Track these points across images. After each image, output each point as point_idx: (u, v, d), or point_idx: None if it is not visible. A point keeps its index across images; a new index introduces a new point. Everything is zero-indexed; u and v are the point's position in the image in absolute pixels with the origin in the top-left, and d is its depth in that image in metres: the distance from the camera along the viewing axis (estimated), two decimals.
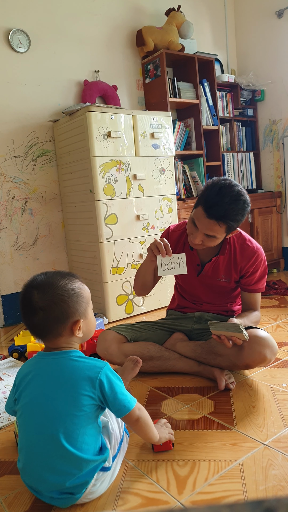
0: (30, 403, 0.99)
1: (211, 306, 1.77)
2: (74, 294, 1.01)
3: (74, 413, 0.96)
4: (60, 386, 0.97)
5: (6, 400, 1.57)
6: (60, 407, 0.96)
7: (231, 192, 1.45)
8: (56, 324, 1.00)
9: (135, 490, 1.04)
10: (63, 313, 0.99)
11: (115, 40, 2.98)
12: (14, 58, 2.56)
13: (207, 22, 3.51)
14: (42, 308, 0.98)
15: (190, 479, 1.06)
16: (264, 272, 1.67)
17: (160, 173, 2.64)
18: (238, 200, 1.45)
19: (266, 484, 1.02)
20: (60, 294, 0.99)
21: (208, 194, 1.47)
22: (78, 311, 1.02)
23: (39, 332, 1.02)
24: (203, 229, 1.49)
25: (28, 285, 1.02)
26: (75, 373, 0.98)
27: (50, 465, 0.95)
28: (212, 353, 1.60)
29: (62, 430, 0.94)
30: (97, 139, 2.33)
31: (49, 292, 0.99)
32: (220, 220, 1.45)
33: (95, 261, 2.49)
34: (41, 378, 1.00)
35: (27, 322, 1.01)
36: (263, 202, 3.40)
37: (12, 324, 2.67)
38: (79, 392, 0.96)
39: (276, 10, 3.33)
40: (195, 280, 1.72)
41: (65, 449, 0.94)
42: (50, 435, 0.95)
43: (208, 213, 1.45)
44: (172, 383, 1.62)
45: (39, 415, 0.97)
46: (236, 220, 1.47)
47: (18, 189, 2.63)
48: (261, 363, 1.50)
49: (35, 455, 0.96)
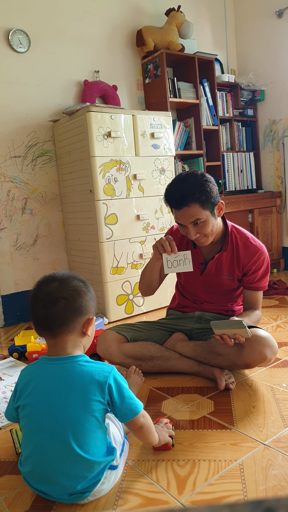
0: (38, 410, 0.97)
1: (212, 305, 1.77)
2: (89, 288, 1.06)
3: (85, 419, 0.96)
4: (70, 392, 0.96)
5: (6, 400, 1.57)
6: (71, 413, 0.95)
7: (179, 176, 1.55)
8: (74, 315, 1.00)
9: (135, 490, 1.04)
10: (82, 306, 1.01)
11: (115, 40, 2.98)
12: (14, 58, 2.56)
13: (207, 22, 3.51)
14: (65, 297, 0.99)
15: (190, 479, 1.06)
16: (267, 270, 1.67)
17: (160, 173, 2.64)
18: (188, 179, 1.51)
19: (266, 484, 1.02)
20: (80, 286, 1.03)
21: (165, 194, 1.56)
22: (92, 309, 1.05)
23: (55, 323, 0.99)
24: (186, 221, 1.53)
25: (47, 277, 1.04)
26: (84, 378, 0.97)
27: (63, 470, 0.95)
28: (212, 353, 1.60)
29: (73, 436, 0.94)
30: (97, 139, 2.33)
31: (71, 284, 1.02)
32: (185, 202, 1.49)
33: (95, 261, 2.49)
34: (49, 384, 0.99)
35: (43, 313, 0.99)
36: (263, 202, 3.40)
37: (12, 324, 2.67)
38: (90, 397, 0.96)
39: (276, 10, 3.33)
40: (198, 278, 1.72)
41: (78, 455, 0.94)
42: (62, 441, 0.94)
43: (175, 206, 1.52)
44: (172, 383, 1.62)
45: (50, 421, 0.96)
46: (198, 192, 1.48)
47: (18, 189, 2.63)
48: (261, 362, 1.50)
49: (47, 461, 0.95)
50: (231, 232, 1.66)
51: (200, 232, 1.54)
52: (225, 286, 1.70)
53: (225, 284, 1.70)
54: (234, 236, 1.66)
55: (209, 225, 1.54)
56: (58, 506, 1.00)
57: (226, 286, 1.70)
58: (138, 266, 2.57)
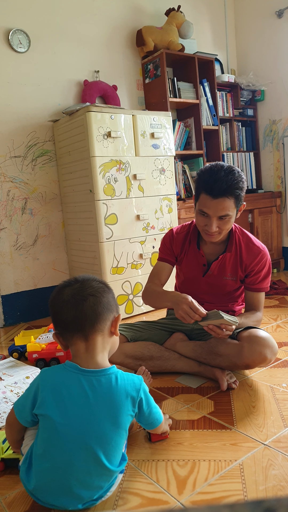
0: (68, 425, 0.93)
1: (212, 306, 1.77)
2: (112, 292, 1.07)
3: (117, 434, 0.96)
4: (104, 408, 0.95)
5: (6, 400, 1.57)
6: (104, 429, 0.94)
7: (222, 167, 1.51)
8: (104, 311, 1.00)
9: (135, 490, 1.04)
10: (110, 302, 1.02)
11: (115, 40, 2.98)
12: (14, 58, 2.56)
13: (207, 22, 3.51)
14: (93, 294, 0.99)
15: (190, 479, 1.06)
16: (269, 271, 1.67)
17: (160, 173, 2.64)
18: (233, 171, 1.50)
19: (266, 484, 1.02)
20: (103, 286, 1.03)
21: (203, 179, 1.51)
22: (116, 307, 1.06)
23: (88, 321, 0.97)
24: (214, 212, 1.50)
25: (67, 281, 1.03)
26: (119, 394, 0.97)
27: (88, 483, 0.93)
28: (212, 353, 1.60)
29: (103, 451, 0.94)
30: (97, 139, 2.33)
31: (92, 284, 1.02)
32: (226, 193, 1.47)
33: (95, 261, 2.49)
34: (80, 397, 0.95)
35: (74, 314, 0.96)
36: (263, 202, 3.40)
37: (12, 324, 2.67)
38: (124, 412, 0.97)
39: (276, 10, 3.33)
40: (200, 280, 1.72)
41: (106, 468, 0.94)
42: (93, 455, 0.93)
43: (212, 194, 1.47)
44: (172, 383, 1.62)
45: (80, 437, 0.93)
46: (240, 188, 1.49)
47: (18, 189, 2.63)
48: (261, 363, 1.49)
49: (73, 475, 0.92)
50: (235, 232, 1.66)
51: (220, 227, 1.53)
52: (228, 287, 1.70)
53: (228, 285, 1.70)
54: (237, 236, 1.66)
55: (230, 223, 1.55)
56: None
57: (229, 287, 1.70)
58: (138, 266, 2.56)
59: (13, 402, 1.55)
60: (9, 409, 1.50)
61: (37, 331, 2.25)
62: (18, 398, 1.04)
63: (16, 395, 1.61)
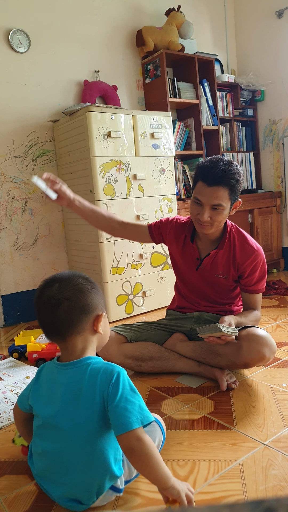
0: (48, 413, 0.97)
1: (210, 307, 1.77)
2: (94, 286, 1.02)
3: (94, 428, 0.93)
4: (75, 400, 0.95)
5: (6, 400, 1.57)
6: (79, 422, 0.94)
7: (222, 159, 1.54)
8: (81, 315, 0.96)
9: (135, 490, 1.04)
10: (88, 303, 0.97)
11: (115, 40, 2.98)
12: (14, 58, 2.56)
13: (207, 22, 3.51)
14: (68, 298, 0.95)
15: (190, 479, 1.06)
16: (264, 272, 1.67)
17: (160, 173, 2.64)
18: (231, 163, 1.53)
19: (266, 484, 1.02)
20: (83, 284, 0.99)
21: (202, 166, 1.54)
22: (100, 304, 1.01)
23: (62, 326, 0.96)
24: (208, 200, 1.51)
25: (48, 280, 1.00)
26: (89, 385, 0.95)
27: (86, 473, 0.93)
28: (211, 353, 1.60)
29: (76, 441, 0.94)
30: (97, 139, 2.33)
31: (73, 282, 0.98)
32: (221, 182, 1.48)
33: (95, 261, 2.49)
34: (57, 389, 0.98)
35: (49, 318, 0.96)
36: (263, 202, 3.40)
37: (12, 324, 2.67)
38: (94, 405, 0.94)
39: (276, 10, 3.33)
40: (194, 274, 1.72)
41: (85, 462, 0.93)
42: (69, 445, 0.94)
43: (207, 181, 1.50)
44: (172, 383, 1.62)
45: (56, 425, 0.95)
46: (235, 180, 1.51)
47: (18, 189, 2.63)
48: (260, 361, 1.50)
49: (71, 465, 0.94)
50: (229, 231, 1.66)
51: (212, 218, 1.54)
52: (220, 285, 1.70)
53: (220, 283, 1.69)
54: (232, 235, 1.66)
55: (223, 216, 1.55)
56: (58, 506, 1.00)
57: (222, 285, 1.70)
58: (138, 266, 2.57)
59: (13, 402, 1.55)
60: (9, 409, 1.51)
61: (37, 331, 2.25)
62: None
63: (16, 395, 1.61)
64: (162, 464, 0.89)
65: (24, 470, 1.16)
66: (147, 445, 0.87)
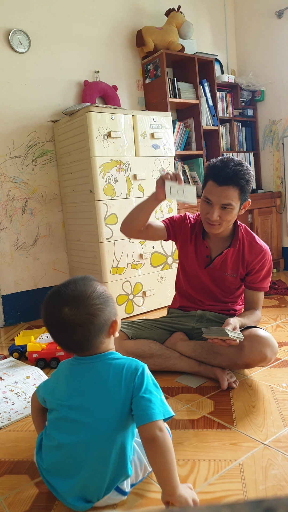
0: (68, 407, 0.98)
1: (213, 306, 1.77)
2: (105, 298, 0.97)
3: (116, 425, 0.94)
4: (97, 394, 0.97)
5: (6, 400, 1.57)
6: (99, 416, 0.95)
7: (233, 159, 1.55)
8: (97, 334, 0.96)
9: (135, 490, 1.04)
10: (102, 322, 0.95)
11: (115, 40, 2.98)
12: (14, 58, 2.56)
13: (207, 22, 3.51)
14: (81, 324, 0.92)
15: (190, 479, 1.06)
16: (269, 271, 1.69)
17: (160, 173, 2.64)
18: (242, 164, 1.53)
19: (266, 484, 1.02)
20: (95, 304, 0.94)
21: (213, 166, 1.55)
22: (112, 313, 0.99)
23: (80, 347, 0.97)
24: (217, 199, 1.52)
25: (55, 302, 0.94)
26: (113, 379, 0.96)
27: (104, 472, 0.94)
28: (212, 353, 1.60)
29: (96, 434, 0.95)
30: (97, 139, 2.34)
31: (84, 305, 0.93)
32: (231, 182, 1.49)
33: (95, 261, 2.49)
34: (78, 383, 0.99)
35: (64, 340, 0.96)
36: (263, 202, 3.40)
37: (12, 324, 2.68)
38: (117, 400, 0.96)
39: (276, 10, 3.33)
40: (203, 271, 1.72)
41: (102, 460, 0.93)
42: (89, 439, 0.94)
43: (218, 180, 1.51)
44: (172, 382, 1.62)
45: (77, 420, 0.96)
46: (246, 180, 1.51)
47: (18, 189, 2.64)
48: (261, 362, 1.50)
49: (68, 455, 0.95)
50: (239, 229, 1.68)
51: (222, 217, 1.55)
52: (227, 283, 1.71)
53: (227, 281, 1.70)
54: (241, 234, 1.68)
55: (232, 215, 1.56)
56: (58, 506, 1.00)
57: (229, 283, 1.71)
58: (138, 266, 2.57)
59: (13, 402, 1.55)
60: (9, 409, 1.51)
61: (37, 331, 2.25)
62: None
63: (16, 395, 1.61)
64: (175, 464, 0.90)
65: (24, 470, 1.16)
66: (168, 437, 0.90)
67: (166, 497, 0.90)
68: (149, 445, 0.89)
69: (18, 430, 1.37)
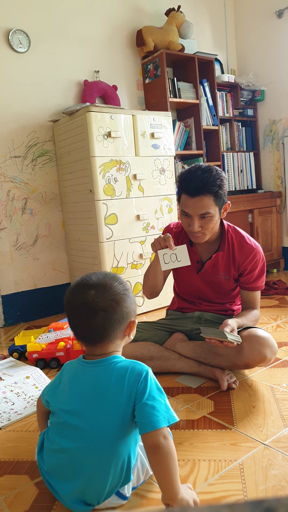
0: (71, 410, 0.97)
1: (211, 306, 1.77)
2: (129, 294, 0.99)
3: (118, 429, 0.93)
4: (100, 398, 0.96)
5: (6, 400, 1.57)
6: (101, 420, 0.94)
7: (200, 167, 1.53)
8: (116, 325, 0.95)
9: (135, 491, 1.03)
10: (123, 314, 0.95)
11: (115, 40, 2.98)
12: (14, 58, 2.56)
13: (207, 22, 3.51)
14: (104, 309, 0.92)
15: (190, 479, 1.06)
16: (263, 270, 1.67)
17: (160, 173, 2.64)
18: (210, 170, 1.52)
19: (266, 484, 1.02)
20: (120, 293, 0.96)
21: (182, 179, 1.55)
22: (133, 311, 1.00)
23: (95, 335, 0.95)
24: (194, 211, 1.51)
25: (82, 284, 0.96)
26: (115, 384, 0.95)
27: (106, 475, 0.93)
28: (212, 353, 1.60)
29: (96, 439, 0.94)
30: (97, 139, 2.33)
31: (109, 291, 0.94)
32: (203, 191, 1.48)
33: (95, 261, 2.49)
34: (81, 386, 0.98)
35: (82, 325, 0.95)
36: (263, 202, 3.40)
37: (12, 324, 2.67)
38: (120, 405, 0.95)
39: (276, 10, 3.33)
40: (195, 277, 1.72)
41: (102, 461, 0.93)
42: (92, 440, 0.94)
43: (189, 192, 1.50)
44: (172, 383, 1.62)
45: (79, 422, 0.95)
46: (218, 186, 1.50)
47: (18, 189, 2.63)
48: (261, 362, 1.50)
49: (92, 466, 0.93)
50: (227, 231, 1.66)
51: (203, 226, 1.54)
52: (222, 285, 1.71)
53: (221, 283, 1.70)
54: (230, 235, 1.66)
55: (213, 222, 1.55)
56: (58, 506, 1.00)
57: (223, 285, 1.71)
58: (138, 266, 2.57)
59: (13, 402, 1.55)
60: (9, 409, 1.51)
61: (37, 331, 2.25)
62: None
63: (16, 395, 1.61)
64: (178, 470, 0.89)
65: (24, 470, 1.16)
66: (172, 445, 0.89)
67: (167, 501, 0.90)
68: (153, 452, 0.88)
69: (18, 430, 1.37)
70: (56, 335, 1.98)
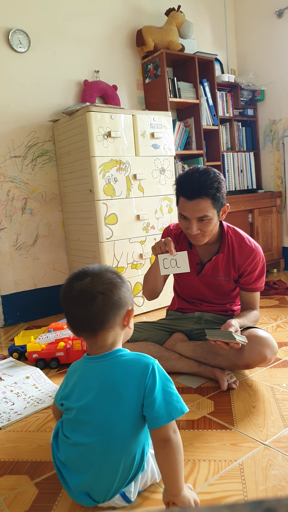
0: (81, 408, 0.97)
1: (211, 307, 1.77)
2: (125, 282, 1.00)
3: (126, 423, 0.93)
4: (109, 393, 0.96)
5: (6, 400, 1.57)
6: (111, 415, 0.94)
7: (197, 169, 1.53)
8: (114, 310, 0.95)
9: None
10: (121, 298, 0.96)
11: (115, 40, 2.98)
12: (14, 58, 2.56)
13: (207, 22, 3.51)
14: (102, 292, 0.93)
15: (190, 479, 1.06)
16: (263, 271, 1.67)
17: (160, 173, 2.64)
18: (207, 172, 1.51)
19: (266, 484, 1.02)
20: (116, 279, 0.97)
21: (179, 183, 1.54)
22: (130, 299, 1.00)
23: (96, 321, 0.94)
24: (192, 214, 1.51)
25: (77, 273, 0.98)
26: (123, 377, 0.95)
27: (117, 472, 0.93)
28: (212, 353, 1.60)
29: (105, 435, 0.94)
30: (97, 139, 2.33)
31: (106, 277, 0.96)
32: (200, 194, 1.47)
33: (95, 261, 2.49)
34: (89, 383, 0.98)
35: (81, 312, 0.93)
36: (263, 202, 3.40)
37: (12, 324, 2.67)
38: (129, 399, 0.94)
39: (276, 10, 3.33)
40: (195, 279, 1.72)
41: (111, 459, 0.93)
42: (99, 439, 0.94)
43: (186, 196, 1.50)
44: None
45: (89, 419, 0.95)
46: (215, 188, 1.49)
47: (18, 189, 2.63)
48: (261, 362, 1.50)
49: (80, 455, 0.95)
50: (227, 233, 1.66)
51: (202, 229, 1.54)
52: (222, 286, 1.70)
53: (221, 284, 1.70)
54: (230, 237, 1.66)
55: (212, 225, 1.54)
56: (58, 507, 1.00)
57: (223, 286, 1.70)
58: (138, 266, 2.57)
59: (13, 403, 1.55)
60: (9, 409, 1.51)
61: (37, 331, 2.25)
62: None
63: (16, 395, 1.61)
64: (183, 465, 0.90)
65: (24, 470, 1.16)
66: (180, 438, 0.90)
67: (170, 497, 0.89)
68: (162, 446, 0.88)
69: (18, 430, 1.37)
70: (56, 335, 1.98)
